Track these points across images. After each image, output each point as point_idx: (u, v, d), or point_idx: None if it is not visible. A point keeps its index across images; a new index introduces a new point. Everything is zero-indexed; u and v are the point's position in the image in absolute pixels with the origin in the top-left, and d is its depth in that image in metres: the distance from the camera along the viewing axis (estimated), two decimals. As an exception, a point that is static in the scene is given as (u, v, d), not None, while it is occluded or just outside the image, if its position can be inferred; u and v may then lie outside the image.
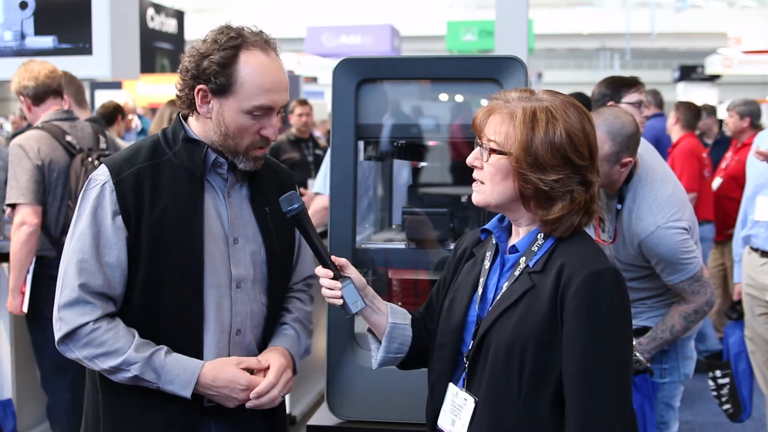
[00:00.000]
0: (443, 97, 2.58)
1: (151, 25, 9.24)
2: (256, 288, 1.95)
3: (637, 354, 2.64)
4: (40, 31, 5.13)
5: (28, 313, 3.62)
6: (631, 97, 3.26)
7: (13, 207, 3.56)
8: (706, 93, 19.08)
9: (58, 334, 1.83)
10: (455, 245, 1.90)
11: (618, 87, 3.30)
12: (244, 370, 1.88)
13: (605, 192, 2.74)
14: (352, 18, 18.65)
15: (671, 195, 2.67)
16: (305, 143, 7.02)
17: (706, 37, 24.80)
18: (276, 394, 1.89)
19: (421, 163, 2.93)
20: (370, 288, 1.83)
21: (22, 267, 3.55)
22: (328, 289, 1.76)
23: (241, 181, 1.96)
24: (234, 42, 1.82)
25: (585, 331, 1.52)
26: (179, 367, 1.82)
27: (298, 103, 7.09)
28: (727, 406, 3.83)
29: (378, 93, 2.46)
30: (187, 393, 1.82)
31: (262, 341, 2.01)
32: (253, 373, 1.89)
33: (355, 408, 2.37)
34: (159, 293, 1.84)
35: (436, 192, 2.81)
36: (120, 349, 1.80)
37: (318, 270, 1.79)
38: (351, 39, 13.92)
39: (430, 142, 2.81)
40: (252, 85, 1.82)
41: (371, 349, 1.87)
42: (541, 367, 1.56)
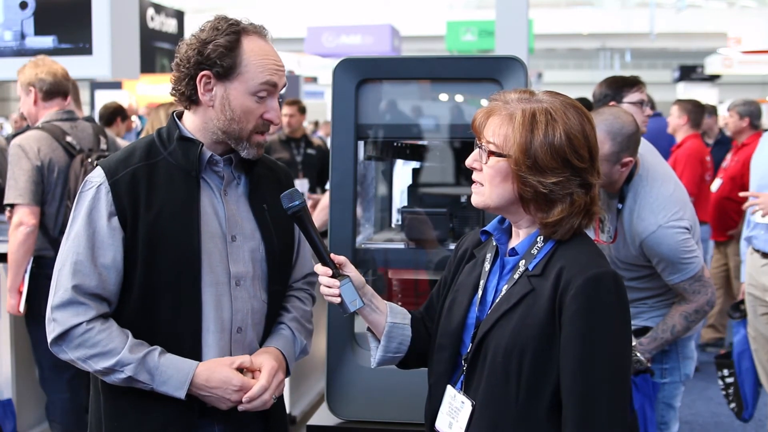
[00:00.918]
0: (443, 97, 2.58)
1: (151, 25, 9.24)
2: (256, 285, 1.95)
3: (637, 354, 2.64)
4: (40, 31, 5.13)
5: (26, 313, 3.62)
6: (633, 96, 3.26)
7: (11, 207, 3.56)
8: (706, 93, 19.07)
9: (51, 335, 1.82)
10: (456, 245, 1.90)
11: (619, 87, 3.30)
12: (238, 369, 1.87)
13: (606, 192, 2.74)
14: (353, 18, 18.64)
15: (672, 194, 2.67)
16: (296, 143, 7.03)
17: (706, 37, 24.79)
18: (267, 398, 1.89)
19: (421, 163, 2.93)
20: (369, 287, 1.84)
21: (20, 267, 3.55)
22: (327, 287, 1.77)
23: (238, 179, 1.96)
24: (235, 28, 1.87)
25: (583, 334, 1.52)
26: (173, 368, 1.81)
27: (285, 103, 7.09)
28: (733, 405, 3.85)
29: (378, 93, 2.46)
30: (181, 394, 1.81)
31: (263, 339, 2.00)
32: (244, 373, 1.89)
33: (355, 408, 2.37)
34: (157, 293, 1.84)
35: (436, 192, 2.81)
36: (113, 349, 1.79)
37: (317, 268, 1.79)
38: (351, 39, 13.92)
39: (430, 142, 2.81)
40: (256, 65, 1.86)
41: (370, 348, 1.87)
42: (539, 371, 1.55)
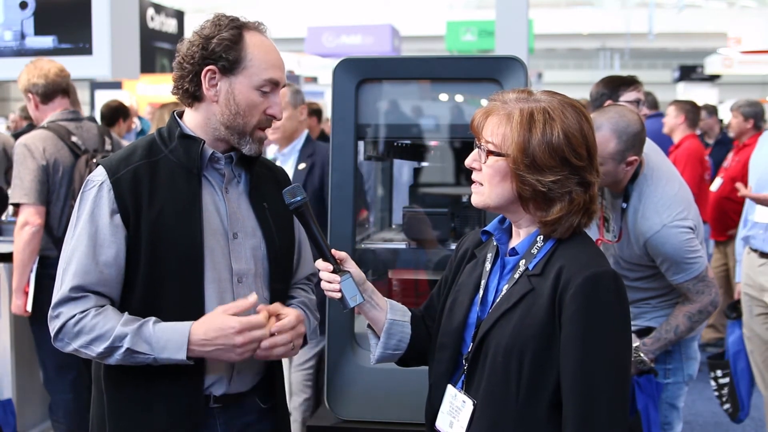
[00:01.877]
0: (443, 97, 2.58)
1: (151, 25, 9.24)
2: (258, 283, 1.95)
3: (641, 354, 2.63)
4: (40, 31, 5.13)
5: (31, 313, 3.63)
6: (630, 95, 3.26)
7: (16, 206, 3.57)
8: (706, 93, 19.08)
9: (53, 332, 1.83)
10: (457, 245, 1.90)
11: (616, 86, 3.30)
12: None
13: (610, 191, 2.73)
14: (353, 18, 18.65)
15: (677, 194, 2.66)
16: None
17: (706, 37, 24.80)
18: (289, 339, 1.83)
19: (422, 163, 2.93)
20: (370, 283, 1.84)
21: (25, 267, 3.56)
22: (327, 282, 1.77)
23: (238, 177, 1.97)
24: (237, 23, 1.88)
25: (583, 334, 1.52)
26: (169, 331, 1.79)
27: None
28: (727, 406, 3.83)
29: (378, 93, 2.46)
30: (182, 355, 1.77)
31: None
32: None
33: (355, 408, 2.37)
34: (160, 290, 1.84)
35: (437, 192, 2.81)
36: (110, 329, 1.78)
37: (318, 263, 1.80)
38: (351, 39, 13.92)
39: (431, 142, 2.81)
40: (261, 60, 1.87)
41: (370, 344, 1.88)
42: (540, 370, 1.55)
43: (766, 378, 3.93)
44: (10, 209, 4.18)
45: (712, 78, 21.67)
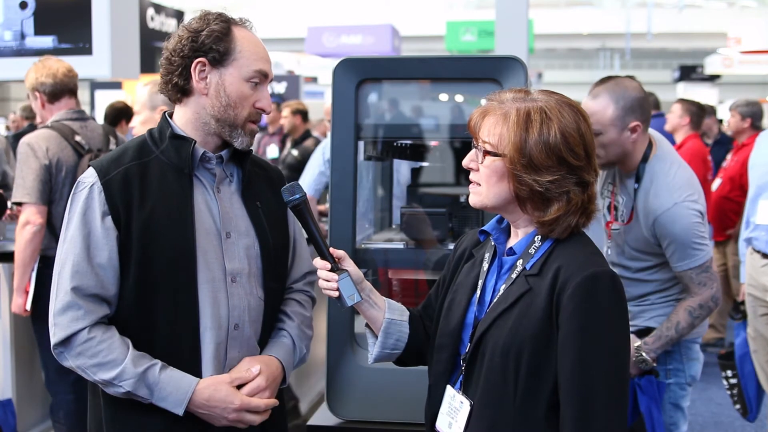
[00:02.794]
0: (443, 97, 2.59)
1: (151, 25, 9.23)
2: (252, 282, 1.95)
3: (642, 354, 2.62)
4: (40, 31, 5.13)
5: (32, 313, 3.63)
6: None
7: (18, 206, 3.58)
8: (706, 93, 19.06)
9: (53, 340, 1.83)
10: (455, 245, 1.90)
11: None
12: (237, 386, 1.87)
13: (621, 172, 2.72)
14: (353, 18, 18.64)
15: (690, 178, 2.65)
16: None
17: (706, 37, 24.78)
18: (261, 404, 1.89)
19: (421, 163, 2.93)
20: (368, 282, 1.84)
21: (26, 266, 3.56)
22: (325, 280, 1.78)
23: (230, 177, 1.97)
24: (224, 17, 1.91)
25: (580, 334, 1.51)
26: (172, 385, 1.81)
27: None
28: (737, 406, 3.85)
29: (378, 93, 2.47)
30: (180, 411, 1.81)
31: (261, 336, 2.00)
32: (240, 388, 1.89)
33: (355, 408, 2.37)
34: (153, 291, 1.84)
35: (435, 192, 2.81)
36: (113, 361, 1.79)
37: (316, 261, 1.80)
38: (351, 39, 13.90)
39: (430, 142, 2.82)
40: (250, 52, 1.90)
41: (368, 343, 1.88)
42: (537, 370, 1.55)
43: None
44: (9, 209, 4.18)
45: (712, 78, 21.65)
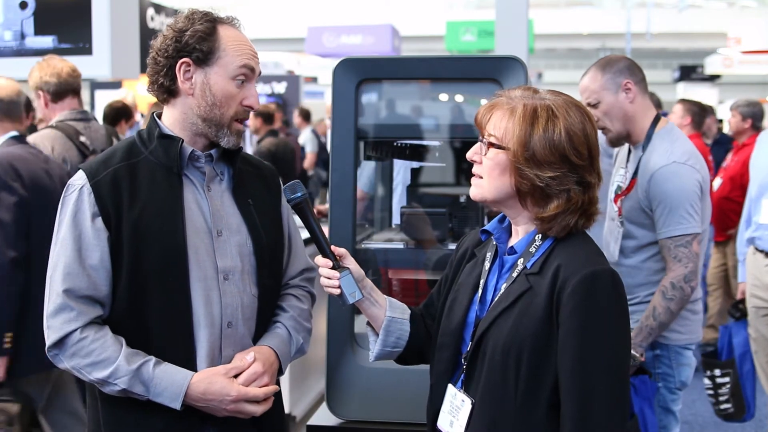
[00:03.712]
0: (443, 97, 2.59)
1: (151, 25, 9.22)
2: (245, 279, 1.94)
3: None
4: (40, 31, 5.13)
5: None
6: None
7: None
8: (706, 93, 19.05)
9: (47, 343, 1.83)
10: (457, 245, 1.90)
11: None
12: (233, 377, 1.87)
13: (632, 149, 2.78)
14: (353, 18, 18.64)
15: (694, 150, 2.69)
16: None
17: (706, 37, 24.77)
18: (260, 393, 1.89)
19: (421, 163, 2.94)
20: (369, 280, 1.85)
21: None
22: (327, 278, 1.78)
23: (221, 175, 1.96)
24: (210, 17, 1.89)
25: (580, 332, 1.52)
26: (167, 380, 1.81)
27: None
28: (726, 406, 3.80)
29: (378, 93, 2.47)
30: (176, 405, 1.81)
31: (256, 334, 1.99)
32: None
33: (355, 408, 2.37)
34: (144, 291, 1.84)
35: (436, 192, 2.81)
36: (107, 359, 1.79)
37: (317, 259, 1.81)
38: (351, 39, 13.90)
39: (431, 142, 2.82)
40: (234, 50, 1.88)
41: (369, 342, 1.88)
42: (537, 369, 1.56)
43: None
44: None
45: (712, 78, 21.65)
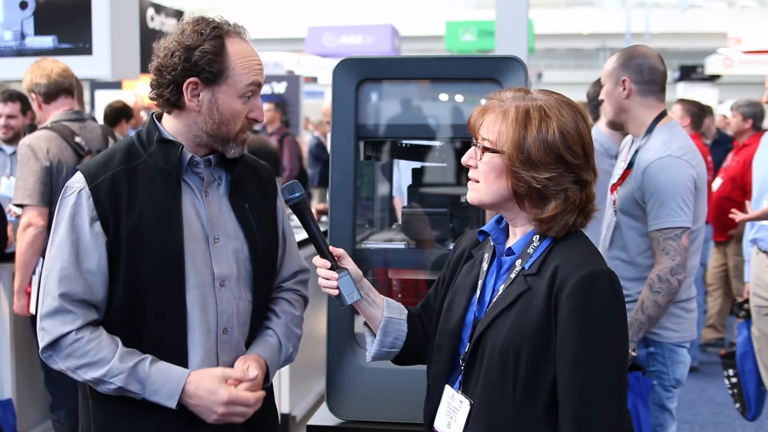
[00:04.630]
0: (443, 97, 2.59)
1: (151, 25, 9.22)
2: (240, 285, 1.94)
3: None
4: (40, 31, 5.13)
5: (34, 314, 3.63)
6: None
7: (20, 207, 3.58)
8: (706, 93, 19.03)
9: (41, 344, 1.83)
10: (454, 245, 1.90)
11: None
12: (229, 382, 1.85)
13: (634, 140, 2.83)
14: (353, 18, 18.63)
15: (693, 146, 2.71)
16: None
17: (706, 37, 24.75)
18: (251, 398, 1.88)
19: (421, 163, 2.93)
20: (366, 281, 1.85)
21: (28, 268, 3.56)
22: (325, 279, 1.78)
23: (218, 180, 1.96)
24: (218, 32, 1.85)
25: (579, 333, 1.52)
26: (164, 378, 1.81)
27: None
28: (738, 405, 3.86)
29: (378, 93, 2.47)
30: (172, 404, 1.81)
31: (250, 339, 1.99)
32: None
33: (355, 408, 2.37)
34: (141, 296, 1.83)
35: (436, 192, 2.81)
36: (103, 359, 1.79)
37: (316, 260, 1.80)
38: (351, 39, 13.88)
39: (431, 142, 2.81)
40: (242, 68, 1.86)
41: (366, 342, 1.88)
42: (536, 370, 1.55)
43: None
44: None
45: (713, 78, 21.63)
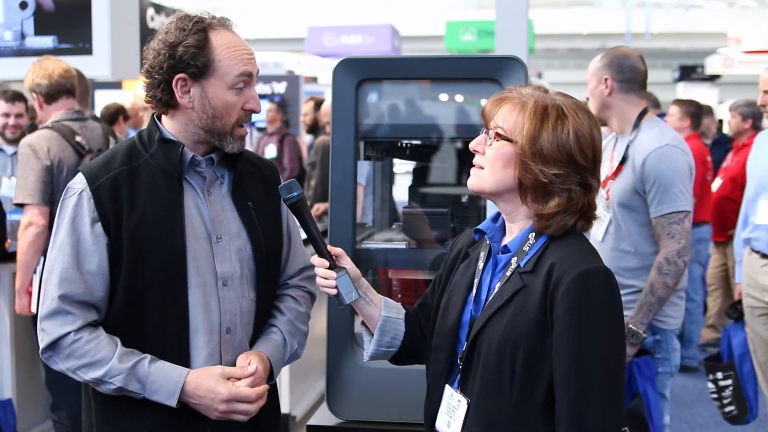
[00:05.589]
0: (443, 97, 2.58)
1: (151, 25, 9.22)
2: (244, 284, 1.94)
3: (632, 327, 2.65)
4: (40, 31, 5.14)
5: (35, 313, 3.63)
6: None
7: (21, 207, 3.58)
8: (706, 93, 19.03)
9: (41, 345, 1.83)
10: (451, 245, 1.90)
11: None
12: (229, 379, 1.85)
13: (618, 137, 2.91)
14: (353, 18, 18.63)
15: (682, 140, 2.83)
16: None
17: (706, 37, 24.74)
18: (252, 394, 1.87)
19: (422, 163, 2.93)
20: (365, 280, 1.84)
21: (29, 267, 3.56)
22: (323, 278, 1.77)
23: (221, 178, 1.95)
24: (201, 26, 1.85)
25: (575, 330, 1.52)
26: (163, 377, 1.81)
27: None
28: (729, 408, 3.81)
29: (378, 93, 2.46)
30: (173, 402, 1.81)
31: (253, 338, 1.99)
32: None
33: (355, 408, 2.37)
34: (144, 297, 1.83)
35: (437, 192, 2.81)
36: (102, 359, 1.79)
37: (314, 259, 1.80)
38: (351, 39, 13.89)
39: (431, 142, 2.81)
40: (229, 59, 1.85)
41: (364, 341, 1.88)
42: (532, 367, 1.56)
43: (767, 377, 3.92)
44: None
45: (712, 78, 21.63)
